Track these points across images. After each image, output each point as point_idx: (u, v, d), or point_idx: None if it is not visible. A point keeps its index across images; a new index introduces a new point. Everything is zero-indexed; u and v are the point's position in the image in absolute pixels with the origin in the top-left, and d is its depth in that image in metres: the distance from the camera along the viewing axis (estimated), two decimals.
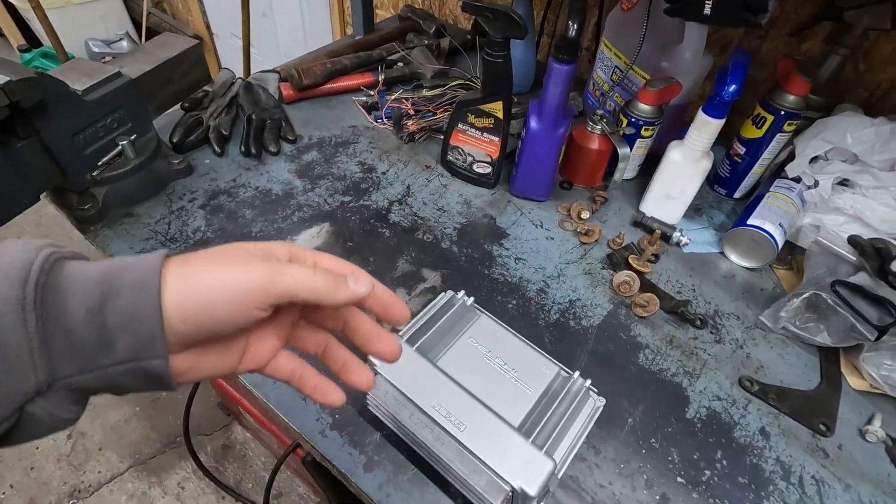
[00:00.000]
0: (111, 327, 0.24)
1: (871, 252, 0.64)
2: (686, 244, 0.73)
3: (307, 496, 1.28)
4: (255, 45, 1.76)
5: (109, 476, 1.28)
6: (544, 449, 0.45)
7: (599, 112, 0.76)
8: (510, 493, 0.43)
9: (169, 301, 0.24)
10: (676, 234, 0.73)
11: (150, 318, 0.24)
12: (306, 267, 0.28)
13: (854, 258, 0.65)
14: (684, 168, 0.69)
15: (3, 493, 1.23)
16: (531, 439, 0.46)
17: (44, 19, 1.72)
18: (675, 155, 0.70)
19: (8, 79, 0.50)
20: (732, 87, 0.61)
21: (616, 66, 0.82)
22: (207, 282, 0.25)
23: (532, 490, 0.42)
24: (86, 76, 0.63)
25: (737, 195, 0.82)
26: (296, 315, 0.32)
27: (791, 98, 0.70)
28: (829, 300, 0.60)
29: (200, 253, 0.27)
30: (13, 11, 2.27)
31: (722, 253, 0.73)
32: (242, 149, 0.79)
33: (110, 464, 1.30)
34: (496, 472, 0.43)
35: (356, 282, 0.29)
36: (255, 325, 0.28)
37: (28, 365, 0.22)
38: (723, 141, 0.82)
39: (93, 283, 0.24)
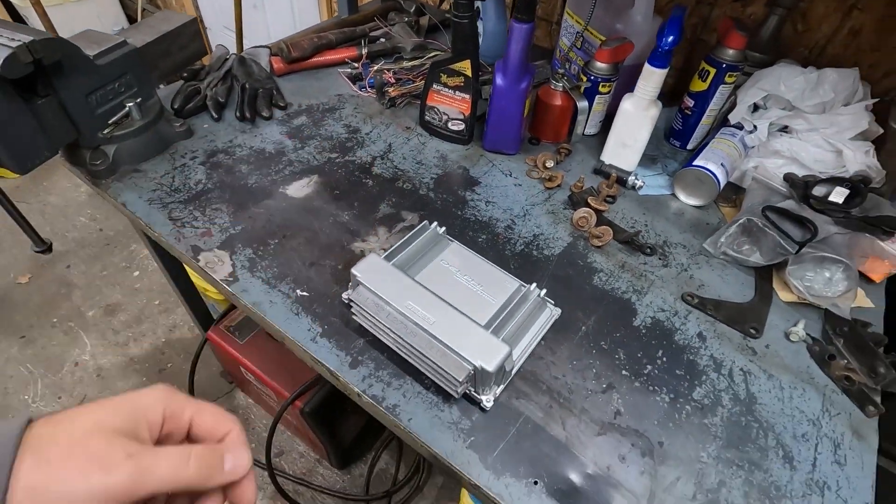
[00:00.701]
0: None
1: (800, 184, 0.72)
2: (640, 187, 0.80)
3: (307, 454, 1.35)
4: (246, 35, 1.83)
5: None
6: (502, 339, 0.53)
7: (561, 71, 0.84)
8: (472, 371, 0.51)
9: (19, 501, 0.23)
10: (632, 179, 0.80)
11: None
12: (178, 453, 0.27)
13: (785, 190, 0.73)
14: (635, 116, 0.77)
15: None
16: (490, 331, 0.53)
17: (42, 15, 1.79)
18: (627, 105, 0.78)
19: (32, 38, 0.58)
20: (671, 38, 0.69)
21: (577, 32, 0.90)
22: (63, 492, 0.24)
23: (490, 367, 0.50)
24: (95, 44, 0.71)
25: (689, 146, 0.90)
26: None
27: (730, 52, 0.78)
28: (760, 223, 0.68)
29: (59, 435, 0.25)
30: (11, 9, 2.34)
31: (673, 194, 0.81)
32: (238, 114, 0.87)
33: None
34: (459, 354, 0.51)
35: (234, 459, 0.28)
36: None
37: None
38: (676, 102, 0.90)
39: None
